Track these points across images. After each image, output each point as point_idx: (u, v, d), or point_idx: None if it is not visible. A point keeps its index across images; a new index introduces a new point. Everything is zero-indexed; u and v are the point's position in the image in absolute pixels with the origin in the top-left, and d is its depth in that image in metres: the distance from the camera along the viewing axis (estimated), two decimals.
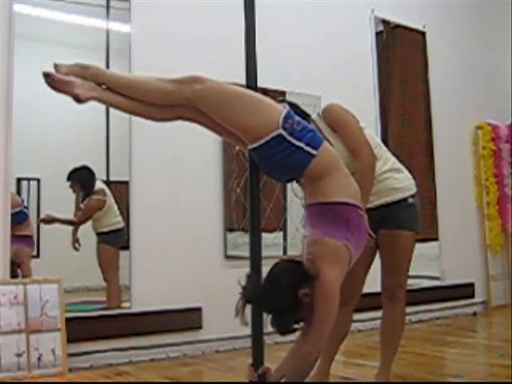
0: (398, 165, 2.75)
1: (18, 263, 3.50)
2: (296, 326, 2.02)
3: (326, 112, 2.63)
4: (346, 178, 2.13)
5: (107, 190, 4.03)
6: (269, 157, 2.06)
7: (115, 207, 4.01)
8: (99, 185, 4.02)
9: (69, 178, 3.88)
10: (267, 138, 2.02)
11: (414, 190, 2.72)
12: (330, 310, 1.98)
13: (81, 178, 3.94)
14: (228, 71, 4.13)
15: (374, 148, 2.63)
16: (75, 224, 3.96)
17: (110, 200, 4.02)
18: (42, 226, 3.82)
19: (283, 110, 2.08)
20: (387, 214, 2.65)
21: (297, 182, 2.25)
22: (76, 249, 3.90)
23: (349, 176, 2.15)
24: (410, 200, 2.68)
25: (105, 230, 4.01)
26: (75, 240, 3.92)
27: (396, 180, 2.68)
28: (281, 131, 2.02)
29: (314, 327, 1.97)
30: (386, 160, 2.70)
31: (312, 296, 1.97)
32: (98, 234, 4.00)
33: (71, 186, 3.92)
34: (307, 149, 2.04)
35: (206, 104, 2.08)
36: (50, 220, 3.83)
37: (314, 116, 2.66)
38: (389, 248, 2.67)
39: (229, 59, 3.76)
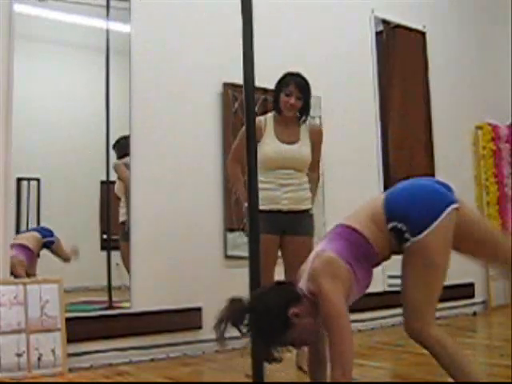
0: None
1: (11, 272, 3.42)
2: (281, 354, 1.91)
3: (317, 131, 3.28)
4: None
5: None
6: None
7: None
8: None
9: (114, 147, 3.93)
10: None
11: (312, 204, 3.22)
12: (340, 327, 1.86)
13: (117, 143, 3.96)
14: (228, 71, 4.15)
15: None
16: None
17: None
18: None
19: None
20: (296, 220, 3.06)
21: None
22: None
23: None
24: (310, 211, 3.17)
25: (123, 219, 3.92)
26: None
27: (309, 192, 3.17)
28: None
29: (333, 351, 1.85)
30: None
31: (301, 317, 1.90)
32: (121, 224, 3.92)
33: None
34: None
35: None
36: None
37: (308, 119, 3.25)
38: (295, 252, 2.99)
39: (229, 59, 3.76)
